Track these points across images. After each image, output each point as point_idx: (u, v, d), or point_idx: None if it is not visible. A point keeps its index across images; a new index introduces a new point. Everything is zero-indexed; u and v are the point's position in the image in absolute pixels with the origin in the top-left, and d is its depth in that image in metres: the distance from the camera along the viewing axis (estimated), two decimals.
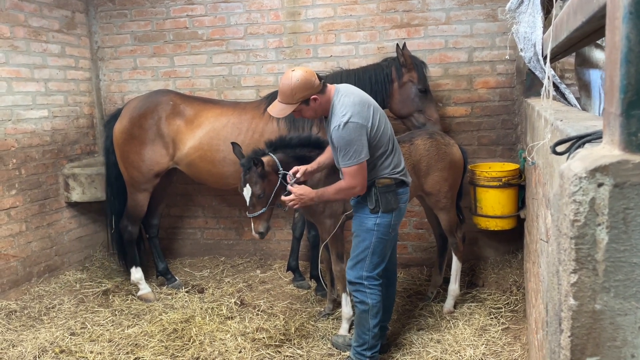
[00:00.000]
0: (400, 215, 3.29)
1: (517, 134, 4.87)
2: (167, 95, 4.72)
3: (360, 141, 2.98)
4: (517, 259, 4.85)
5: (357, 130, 2.97)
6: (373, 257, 3.22)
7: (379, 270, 3.26)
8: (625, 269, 0.98)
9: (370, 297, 3.23)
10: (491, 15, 4.80)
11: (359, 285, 3.25)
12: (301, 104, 3.06)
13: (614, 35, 1.02)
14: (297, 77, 3.02)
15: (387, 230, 3.21)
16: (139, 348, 3.80)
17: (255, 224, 3.54)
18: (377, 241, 3.20)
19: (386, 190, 3.16)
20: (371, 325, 3.25)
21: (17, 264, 4.80)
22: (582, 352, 1.00)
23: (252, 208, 3.52)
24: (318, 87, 3.05)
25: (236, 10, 5.32)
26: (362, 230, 3.23)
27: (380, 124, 3.10)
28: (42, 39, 5.09)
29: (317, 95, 3.05)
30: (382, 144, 3.13)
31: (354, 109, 3.00)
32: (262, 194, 3.45)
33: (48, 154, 5.14)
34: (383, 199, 3.15)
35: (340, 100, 3.05)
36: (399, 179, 3.22)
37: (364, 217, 3.24)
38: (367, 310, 3.24)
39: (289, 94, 3.03)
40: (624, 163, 0.96)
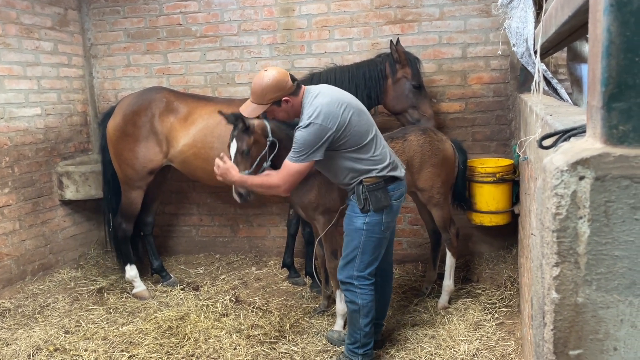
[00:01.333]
0: (392, 213, 3.22)
1: (511, 130, 4.87)
2: (161, 92, 4.70)
3: (317, 144, 2.95)
4: (511, 254, 4.86)
5: (318, 133, 2.94)
6: (363, 257, 3.18)
7: (370, 270, 3.22)
8: (607, 262, 0.98)
9: (360, 297, 3.21)
10: (485, 10, 4.79)
11: (349, 285, 3.23)
12: (272, 104, 3.06)
13: (595, 28, 1.02)
14: (269, 77, 3.00)
15: (378, 229, 3.15)
16: (134, 346, 3.80)
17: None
18: (366, 240, 3.16)
19: (375, 188, 3.10)
20: (362, 325, 3.24)
21: (10, 262, 4.79)
22: (565, 345, 1.00)
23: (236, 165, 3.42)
24: (290, 88, 3.04)
25: (230, 7, 5.31)
26: (351, 229, 3.19)
27: (352, 122, 3.03)
28: (35, 36, 5.07)
29: (289, 97, 3.04)
30: (356, 141, 3.06)
31: (322, 109, 2.96)
32: (247, 151, 3.31)
33: (41, 152, 5.12)
34: (372, 197, 3.09)
35: (310, 101, 3.03)
36: (386, 175, 3.14)
37: (353, 216, 3.19)
38: (358, 310, 3.23)
39: (260, 94, 3.03)
40: (605, 156, 0.96)
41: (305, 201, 3.65)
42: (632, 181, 0.96)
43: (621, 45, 0.96)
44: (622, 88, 0.97)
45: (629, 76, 0.96)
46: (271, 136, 3.41)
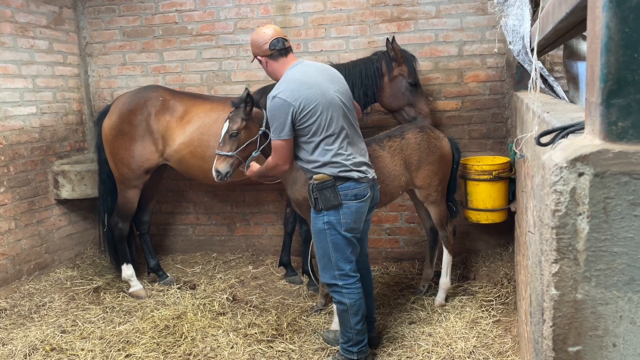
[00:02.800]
0: (350, 213, 3.12)
1: (508, 128, 4.88)
2: (157, 91, 4.69)
3: (281, 118, 3.01)
4: (508, 252, 4.87)
5: (280, 107, 3.00)
6: (337, 255, 3.15)
7: (351, 267, 3.19)
8: (606, 258, 0.98)
9: (347, 297, 3.19)
10: (481, 8, 4.79)
11: (334, 287, 3.22)
12: (255, 58, 3.31)
13: (594, 24, 1.02)
14: (257, 33, 3.26)
15: (339, 228, 3.10)
16: (131, 345, 3.79)
17: (217, 162, 3.51)
18: (333, 239, 3.13)
19: (322, 187, 3.07)
20: (353, 323, 3.22)
21: (6, 261, 4.77)
22: (564, 342, 1.00)
23: (221, 145, 3.51)
24: (265, 51, 3.19)
25: (226, 5, 5.29)
26: (315, 231, 3.19)
27: (315, 110, 3.02)
28: (30, 34, 5.04)
29: (265, 58, 3.22)
30: (311, 129, 3.05)
31: (289, 85, 3.04)
32: (236, 133, 3.44)
33: (37, 151, 5.10)
34: (321, 196, 3.07)
35: (287, 74, 3.13)
36: (339, 175, 3.08)
37: (313, 217, 3.19)
38: (347, 309, 3.21)
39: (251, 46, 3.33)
40: (604, 152, 0.96)
41: (300, 198, 3.65)
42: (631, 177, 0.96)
43: (620, 41, 0.96)
44: (621, 84, 0.97)
45: (628, 72, 0.97)
46: (264, 127, 3.48)
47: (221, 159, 3.51)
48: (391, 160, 3.78)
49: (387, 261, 5.29)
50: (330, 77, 3.21)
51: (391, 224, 5.30)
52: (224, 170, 3.49)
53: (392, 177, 3.78)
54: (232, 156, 3.48)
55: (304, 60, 3.25)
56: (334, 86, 3.16)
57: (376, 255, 5.30)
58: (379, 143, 3.81)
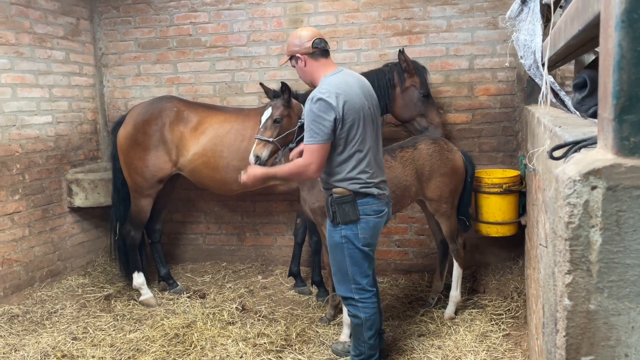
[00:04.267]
0: (368, 229, 3.08)
1: (518, 141, 4.90)
2: (172, 101, 4.75)
3: (324, 121, 2.89)
4: (518, 266, 4.85)
5: (324, 110, 2.89)
6: (354, 269, 3.11)
7: (368, 281, 3.15)
8: (619, 270, 1.00)
9: (362, 311, 3.15)
10: (492, 23, 4.84)
11: (350, 300, 3.18)
12: (292, 59, 3.16)
13: (607, 42, 1.05)
14: (296, 31, 3.17)
15: (357, 242, 3.06)
16: (141, 353, 3.81)
17: (257, 147, 3.48)
18: (350, 253, 3.08)
19: (342, 201, 3.02)
20: (366, 337, 3.19)
21: (19, 268, 4.83)
22: (577, 352, 1.02)
23: (262, 130, 3.50)
24: (306, 48, 3.07)
25: (239, 18, 5.38)
26: (332, 244, 3.14)
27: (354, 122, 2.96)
28: (47, 45, 5.14)
29: (304, 56, 3.08)
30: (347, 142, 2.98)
31: (334, 90, 2.92)
32: (279, 119, 3.46)
33: (51, 160, 5.18)
34: (340, 210, 3.02)
35: (329, 79, 3.01)
36: (360, 190, 3.04)
37: (330, 229, 3.14)
38: (361, 324, 3.17)
39: (287, 46, 3.20)
40: (617, 167, 0.98)
41: (315, 205, 3.67)
42: None
43: (632, 59, 0.99)
44: (633, 101, 0.99)
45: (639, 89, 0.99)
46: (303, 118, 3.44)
47: (261, 144, 3.47)
48: (402, 171, 3.80)
49: (396, 273, 5.29)
50: (367, 91, 3.15)
51: (401, 236, 5.31)
52: (264, 156, 3.44)
53: (403, 187, 3.80)
54: (272, 142, 3.45)
55: (344, 69, 3.17)
56: (368, 102, 3.10)
57: (385, 266, 5.31)
58: (391, 153, 3.84)
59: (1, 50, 4.65)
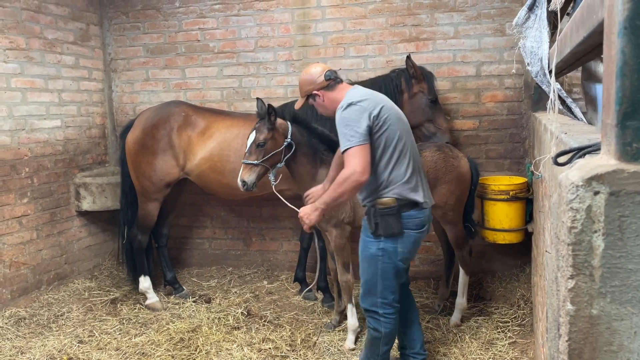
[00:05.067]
0: (409, 243, 2.98)
1: (525, 148, 4.89)
2: (180, 106, 4.79)
3: (360, 122, 2.81)
4: (524, 273, 4.83)
5: (356, 111, 2.84)
6: (384, 283, 3.00)
7: (395, 297, 3.04)
8: (621, 275, 1.00)
9: (384, 326, 3.05)
10: (499, 30, 4.84)
11: (373, 314, 3.07)
12: (309, 98, 3.20)
13: (610, 49, 1.05)
14: (306, 72, 3.21)
15: (394, 257, 2.96)
16: (146, 357, 3.83)
17: (244, 172, 3.58)
18: (384, 267, 2.97)
19: (386, 213, 2.91)
20: (382, 352, 3.11)
21: (27, 271, 4.86)
22: (580, 357, 1.02)
23: (247, 154, 3.59)
24: (321, 83, 3.11)
25: (247, 24, 5.41)
26: (367, 255, 3.02)
27: (388, 120, 2.90)
28: (57, 50, 5.20)
29: (322, 91, 3.12)
30: (383, 142, 2.90)
31: (362, 96, 2.92)
32: (263, 143, 3.53)
33: (60, 163, 5.22)
34: (383, 222, 2.91)
35: (352, 91, 3.03)
36: (405, 199, 2.93)
37: (367, 240, 3.03)
38: (380, 337, 3.07)
39: (300, 88, 3.25)
40: (620, 172, 0.99)
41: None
42: None
43: (635, 66, 0.99)
44: (635, 107, 1.00)
45: None
46: (290, 138, 3.57)
47: (247, 168, 3.58)
48: None
49: None
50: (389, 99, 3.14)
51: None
52: (250, 180, 3.56)
53: None
54: (258, 165, 3.56)
55: (358, 86, 3.15)
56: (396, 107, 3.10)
57: None
58: None
59: (12, 55, 4.71)
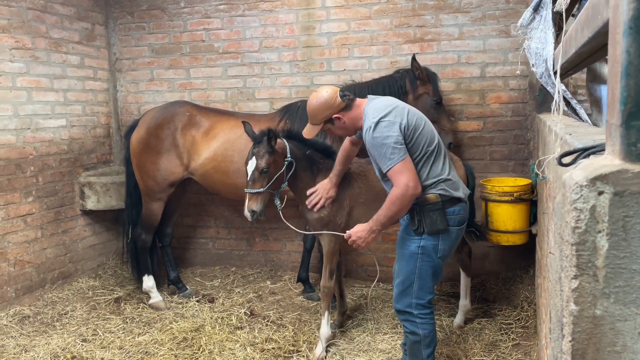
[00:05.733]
0: (450, 240, 2.96)
1: (530, 149, 4.87)
2: (184, 106, 4.80)
3: (394, 138, 2.78)
4: (528, 275, 4.82)
5: (389, 128, 2.80)
6: (421, 282, 2.95)
7: (430, 298, 3.00)
8: (625, 276, 1.00)
9: (421, 328, 2.98)
10: (504, 31, 4.83)
11: (408, 315, 3.00)
12: (326, 123, 3.08)
13: (615, 49, 1.05)
14: (318, 98, 3.05)
15: (434, 255, 2.93)
16: (149, 356, 3.83)
17: (250, 201, 3.42)
18: (422, 265, 2.93)
19: (431, 209, 2.88)
20: (424, 356, 3.03)
21: (31, 270, 4.88)
22: (583, 357, 1.02)
23: (251, 183, 3.42)
24: (339, 105, 3.01)
25: (252, 24, 5.42)
26: (405, 253, 2.98)
27: (418, 125, 2.90)
28: (62, 50, 5.22)
29: (341, 113, 3.02)
30: (419, 146, 2.89)
31: (384, 109, 2.88)
32: (267, 169, 3.37)
33: (65, 163, 5.24)
34: (427, 218, 2.87)
35: (370, 106, 2.97)
36: (447, 194, 2.92)
37: (406, 238, 2.99)
38: (419, 341, 3.00)
39: (313, 116, 3.09)
40: (624, 172, 0.98)
41: (315, 216, 3.66)
42: None
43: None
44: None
45: None
46: (290, 156, 3.46)
47: (253, 198, 3.43)
48: None
49: None
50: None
51: None
52: (259, 209, 3.43)
53: None
54: (263, 192, 3.42)
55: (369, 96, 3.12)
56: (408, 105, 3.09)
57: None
58: None
59: (17, 54, 4.73)
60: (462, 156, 5.01)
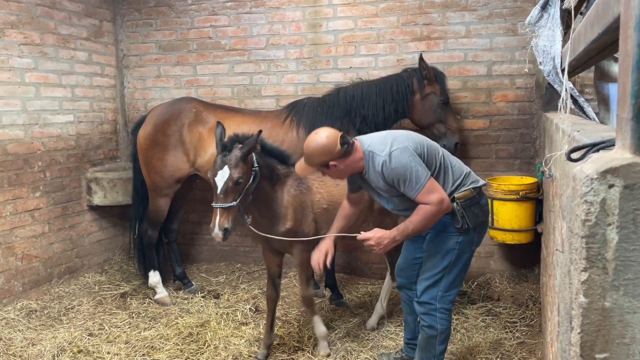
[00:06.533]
0: (484, 231, 3.03)
1: (536, 148, 4.87)
2: (191, 102, 4.82)
3: (414, 161, 2.78)
4: (533, 274, 4.82)
5: (404, 153, 2.80)
6: (449, 277, 2.97)
7: (454, 292, 3.02)
8: (635, 268, 1.01)
9: (440, 323, 2.99)
10: (511, 29, 4.83)
11: (430, 307, 2.99)
12: (322, 166, 2.94)
13: (626, 43, 1.05)
14: (317, 141, 2.89)
15: (469, 248, 2.97)
16: (155, 350, 3.85)
17: (221, 218, 3.05)
18: (456, 260, 2.95)
19: (470, 204, 2.89)
20: (438, 352, 3.04)
21: (38, 264, 4.91)
22: (592, 349, 1.02)
23: (222, 197, 3.06)
24: (338, 153, 2.86)
25: (259, 22, 5.43)
26: (442, 249, 2.96)
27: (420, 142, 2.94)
28: (71, 46, 5.25)
29: (338, 160, 2.88)
30: (432, 159, 2.92)
31: (387, 142, 2.87)
32: (241, 179, 3.07)
33: (72, 158, 5.27)
34: (469, 213, 2.88)
35: (370, 144, 2.92)
36: (477, 185, 2.96)
37: (445, 235, 2.96)
38: (435, 335, 3.01)
39: (309, 158, 2.94)
40: (635, 165, 0.99)
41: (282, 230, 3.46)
42: None
43: None
44: None
45: None
46: (256, 166, 3.25)
47: (225, 213, 3.07)
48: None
49: None
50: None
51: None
52: (231, 226, 3.11)
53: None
54: (235, 206, 3.09)
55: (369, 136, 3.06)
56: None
57: None
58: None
59: (26, 50, 4.76)
60: (468, 154, 5.01)
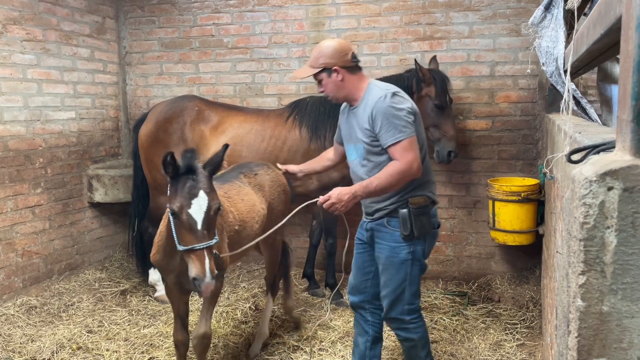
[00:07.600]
0: (433, 241, 2.96)
1: (538, 149, 4.85)
2: (193, 100, 4.81)
3: (407, 117, 2.67)
4: (534, 275, 4.80)
5: (404, 102, 2.71)
6: (412, 288, 2.88)
7: (419, 301, 2.98)
8: (633, 272, 0.99)
9: (414, 332, 2.94)
10: (514, 30, 4.81)
11: (399, 322, 2.94)
12: (323, 71, 2.82)
13: (627, 44, 1.04)
14: (329, 42, 2.86)
15: (422, 258, 2.89)
16: (154, 348, 3.85)
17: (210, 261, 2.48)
18: (412, 271, 2.85)
19: (421, 212, 2.79)
20: (422, 357, 3.00)
21: (39, 260, 4.91)
22: (589, 353, 1.01)
23: (206, 232, 2.50)
24: (347, 61, 2.79)
25: (261, 20, 5.43)
26: (395, 262, 2.85)
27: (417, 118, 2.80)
28: (73, 42, 5.24)
29: (343, 70, 2.79)
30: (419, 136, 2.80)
31: (399, 90, 2.79)
32: (220, 206, 2.63)
33: (73, 155, 5.27)
34: (417, 221, 2.77)
35: (376, 83, 2.86)
36: (432, 197, 2.88)
37: (394, 246, 2.85)
38: (415, 345, 2.97)
39: (315, 57, 2.84)
40: (634, 168, 0.98)
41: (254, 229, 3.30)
42: None
43: None
44: None
45: None
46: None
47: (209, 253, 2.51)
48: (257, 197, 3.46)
49: None
50: None
51: None
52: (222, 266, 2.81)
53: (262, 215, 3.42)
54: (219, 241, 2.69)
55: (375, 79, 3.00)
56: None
57: None
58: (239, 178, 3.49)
59: (28, 46, 4.76)
60: (470, 155, 4.99)
